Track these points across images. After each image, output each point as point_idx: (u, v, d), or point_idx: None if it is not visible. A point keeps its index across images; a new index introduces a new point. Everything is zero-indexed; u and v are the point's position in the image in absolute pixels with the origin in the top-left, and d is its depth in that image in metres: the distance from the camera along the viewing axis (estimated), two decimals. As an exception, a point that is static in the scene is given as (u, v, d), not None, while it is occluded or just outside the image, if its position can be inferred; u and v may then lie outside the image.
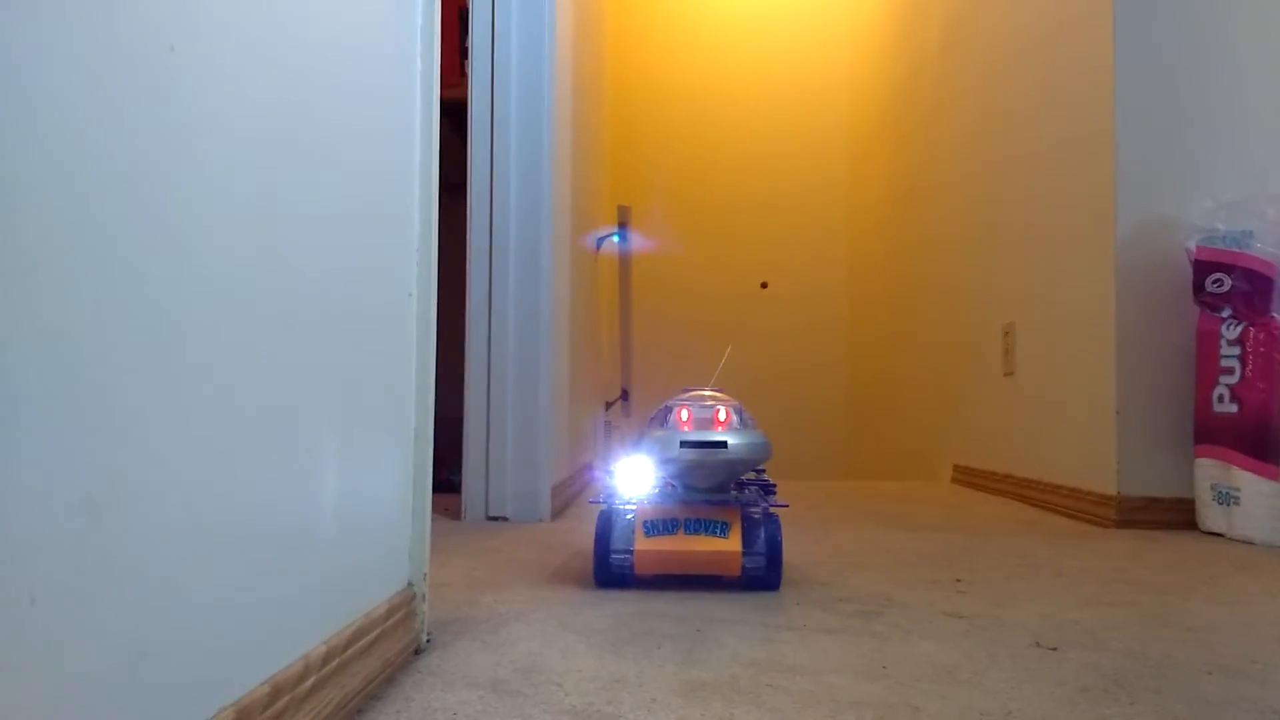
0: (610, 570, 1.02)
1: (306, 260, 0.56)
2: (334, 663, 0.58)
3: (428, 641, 0.78)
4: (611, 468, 1.07)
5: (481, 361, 1.61)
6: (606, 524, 1.02)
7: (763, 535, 1.02)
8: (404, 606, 0.74)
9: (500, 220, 1.64)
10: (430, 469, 0.80)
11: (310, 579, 0.57)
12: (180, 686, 0.42)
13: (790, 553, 1.25)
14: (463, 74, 1.92)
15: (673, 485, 1.05)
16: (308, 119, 0.57)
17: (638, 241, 2.86)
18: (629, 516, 1.02)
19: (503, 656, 0.74)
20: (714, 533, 1.01)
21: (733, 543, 1.01)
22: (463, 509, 1.58)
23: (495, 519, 1.57)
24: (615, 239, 2.66)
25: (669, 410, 1.02)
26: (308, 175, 0.57)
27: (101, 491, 0.36)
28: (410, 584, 0.77)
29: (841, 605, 0.95)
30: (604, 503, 1.04)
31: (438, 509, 0.82)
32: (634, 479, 1.04)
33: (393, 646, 0.70)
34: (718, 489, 1.04)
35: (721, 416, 1.00)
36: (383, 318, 0.72)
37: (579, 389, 2.06)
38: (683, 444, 0.97)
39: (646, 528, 1.01)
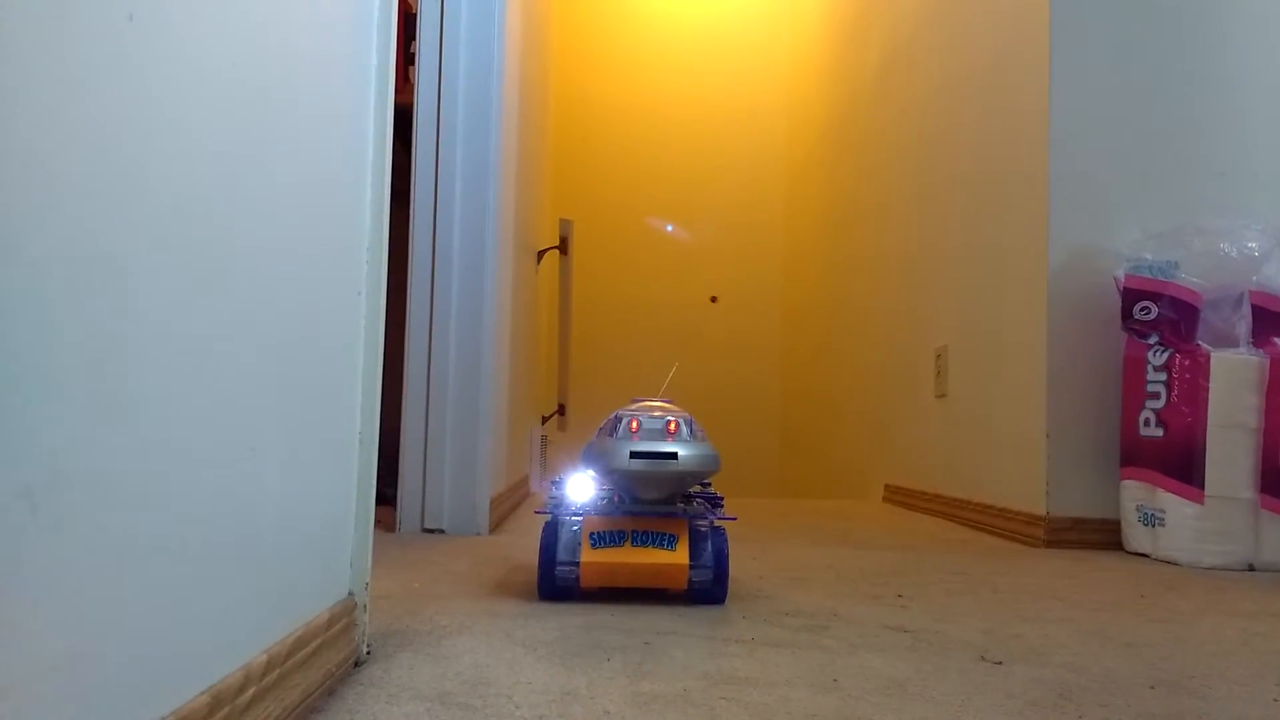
0: (555, 582, 0.99)
1: (258, 251, 0.54)
2: (275, 673, 0.55)
3: (368, 653, 0.75)
4: (559, 478, 1.04)
5: (421, 371, 1.58)
6: (552, 535, 1.00)
7: (710, 548, 1.01)
8: (345, 616, 0.71)
9: (444, 228, 1.61)
10: (375, 475, 0.78)
11: (251, 584, 0.54)
12: (116, 694, 0.39)
13: (732, 568, 1.25)
14: (407, 79, 1.89)
15: (620, 496, 1.03)
16: (263, 104, 0.54)
17: (577, 256, 2.84)
18: (575, 528, 1.00)
19: (448, 669, 0.72)
20: (661, 545, 1.00)
21: (680, 555, 0.99)
22: (398, 521, 1.54)
23: (431, 531, 1.53)
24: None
25: (619, 420, 0.99)
26: (262, 162, 0.54)
27: (41, 483, 0.34)
28: (351, 593, 0.74)
29: (787, 619, 0.95)
30: (550, 513, 1.02)
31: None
32: (581, 489, 1.02)
33: (333, 657, 0.67)
34: (665, 501, 1.02)
35: (672, 428, 0.98)
36: (331, 316, 0.70)
37: (518, 402, 2.04)
38: (632, 454, 0.96)
39: (593, 539, 0.99)
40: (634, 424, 0.98)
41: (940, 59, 2.29)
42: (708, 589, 1.01)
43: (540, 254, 2.61)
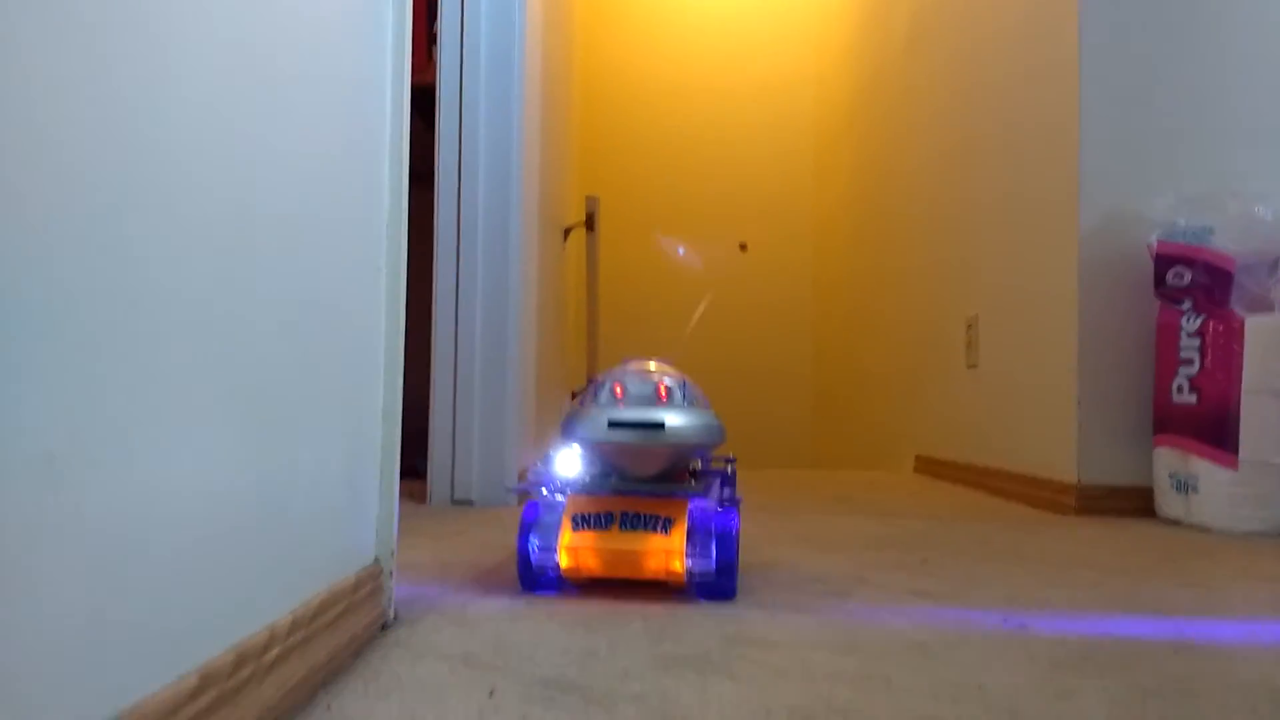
0: (532, 570, 0.88)
1: (275, 226, 0.55)
2: (300, 634, 0.57)
3: (395, 617, 0.77)
4: (549, 452, 0.93)
5: (448, 347, 1.60)
6: (531, 515, 0.89)
7: (714, 533, 0.85)
8: (371, 581, 0.72)
9: (468, 207, 1.62)
10: (398, 445, 0.79)
11: (276, 549, 0.56)
12: (142, 648, 0.40)
13: (757, 536, 1.26)
14: (430, 59, 1.90)
15: (610, 472, 0.91)
16: (278, 79, 0.55)
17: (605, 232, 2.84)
18: (556, 509, 0.88)
19: (472, 632, 0.73)
20: (654, 529, 0.85)
21: (674, 541, 0.84)
22: (428, 493, 1.56)
23: (461, 503, 1.55)
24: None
25: (600, 385, 0.87)
26: (279, 139, 0.55)
27: (63, 449, 0.35)
28: (377, 559, 0.76)
29: (810, 585, 0.95)
30: (530, 490, 0.91)
31: (402, 493, 0.79)
32: (570, 465, 0.91)
33: (360, 621, 0.69)
34: (660, 478, 0.89)
35: (662, 392, 0.85)
36: (352, 291, 0.71)
37: (545, 376, 2.05)
38: (611, 424, 0.83)
39: (576, 521, 0.86)
40: (618, 388, 0.86)
41: (968, 22, 2.26)
42: (709, 582, 0.85)
43: (567, 231, 2.62)
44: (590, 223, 2.72)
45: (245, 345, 0.51)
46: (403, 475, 0.83)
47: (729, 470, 0.99)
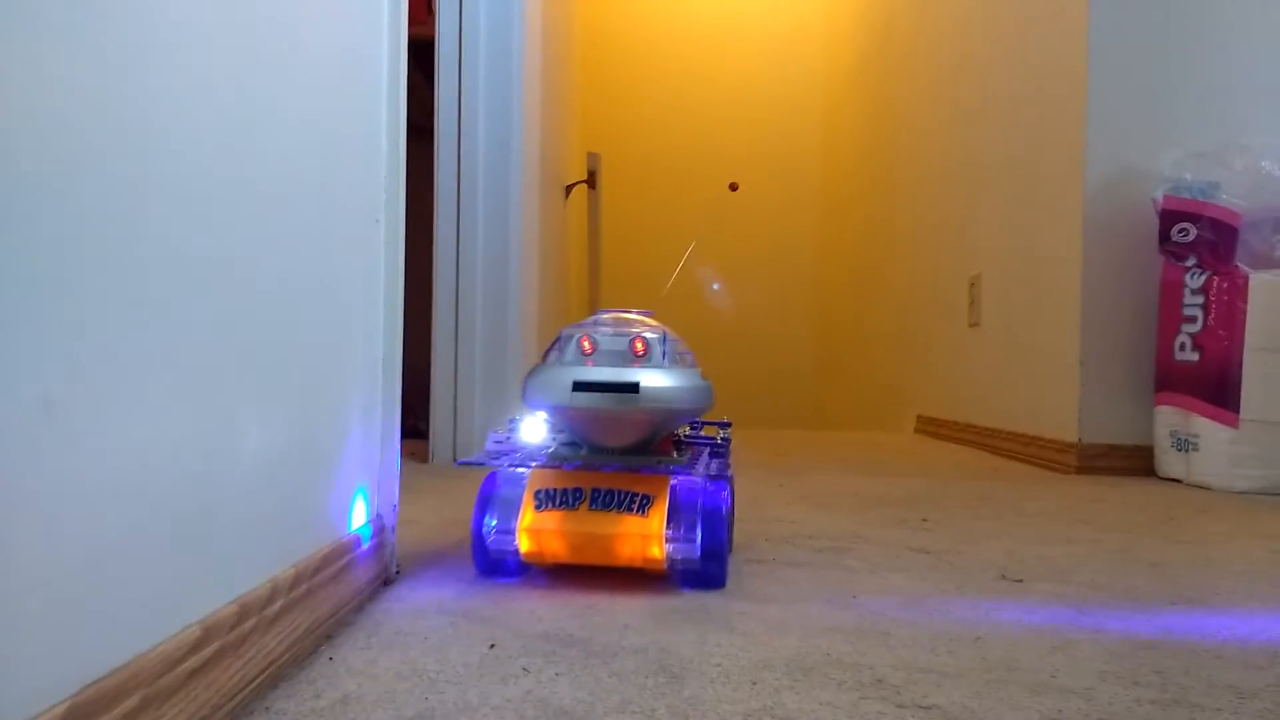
0: (488, 554, 0.75)
1: (271, 175, 0.54)
2: (303, 587, 0.57)
3: (397, 573, 0.77)
4: (514, 418, 0.83)
5: (449, 307, 1.59)
6: (488, 491, 0.77)
7: (699, 514, 0.73)
8: (373, 537, 0.73)
9: (468, 163, 1.61)
10: (398, 398, 0.79)
11: (279, 504, 0.56)
12: (144, 597, 0.41)
13: (756, 495, 1.26)
14: (429, 10, 1.87)
15: (577, 443, 0.79)
16: (272, 30, 0.54)
17: (607, 189, 2.82)
18: (518, 483, 0.77)
19: (474, 587, 0.74)
20: (629, 509, 0.73)
21: (652, 523, 0.72)
22: (430, 452, 1.57)
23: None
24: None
25: (567, 339, 0.74)
26: (274, 90, 0.54)
27: (59, 391, 0.35)
28: (380, 515, 0.76)
29: (809, 542, 0.96)
30: (486, 463, 0.78)
31: (405, 453, 0.76)
32: (532, 433, 0.81)
33: (363, 576, 0.69)
34: (639, 449, 0.77)
35: (638, 348, 0.72)
36: (350, 242, 0.71)
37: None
38: (577, 385, 0.71)
39: (539, 499, 0.74)
40: (586, 343, 0.73)
41: (976, -23, 2.22)
42: (694, 570, 0.74)
43: (569, 188, 2.60)
44: (592, 180, 2.70)
45: (243, 290, 0.50)
46: (405, 436, 0.83)
47: (719, 438, 0.87)
